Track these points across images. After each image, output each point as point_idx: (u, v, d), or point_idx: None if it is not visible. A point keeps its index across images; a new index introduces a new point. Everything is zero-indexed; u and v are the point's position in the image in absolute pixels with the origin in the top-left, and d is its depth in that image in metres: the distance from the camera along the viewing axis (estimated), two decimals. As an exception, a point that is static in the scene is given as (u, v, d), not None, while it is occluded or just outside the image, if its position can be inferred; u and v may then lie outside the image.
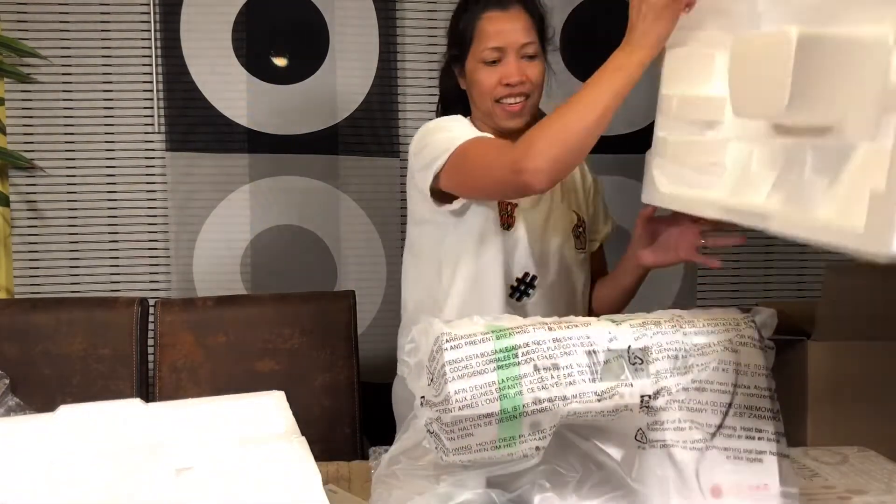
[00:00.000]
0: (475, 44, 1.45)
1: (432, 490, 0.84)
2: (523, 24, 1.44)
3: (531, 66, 1.44)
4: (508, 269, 1.48)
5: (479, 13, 1.46)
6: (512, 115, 1.45)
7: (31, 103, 2.28)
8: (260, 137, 2.35)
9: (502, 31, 1.43)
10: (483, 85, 1.44)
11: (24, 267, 2.32)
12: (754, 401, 0.86)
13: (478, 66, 1.45)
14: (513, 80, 1.42)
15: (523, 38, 1.43)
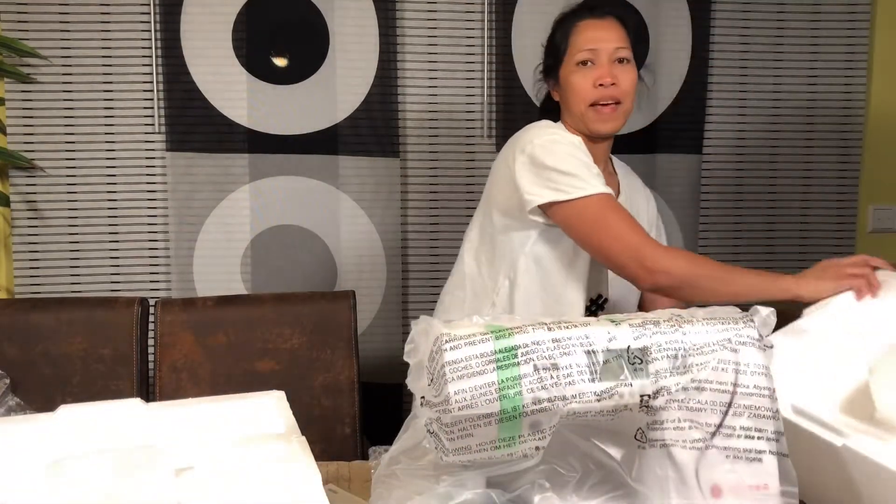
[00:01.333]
0: (570, 51, 1.50)
1: (432, 490, 0.84)
2: (617, 32, 1.49)
3: (623, 71, 1.48)
4: (588, 290, 1.52)
5: (574, 22, 1.52)
6: (604, 118, 1.48)
7: (32, 103, 2.29)
8: (260, 137, 2.35)
9: (596, 37, 1.49)
10: (577, 88, 1.48)
11: (24, 267, 2.32)
12: (754, 400, 0.85)
13: (572, 70, 1.49)
14: (605, 81, 1.46)
15: (616, 42, 1.48)
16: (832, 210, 2.61)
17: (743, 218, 2.60)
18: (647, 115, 2.48)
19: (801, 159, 2.59)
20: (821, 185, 2.60)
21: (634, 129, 2.48)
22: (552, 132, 1.49)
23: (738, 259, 2.61)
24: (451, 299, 1.64)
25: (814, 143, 2.58)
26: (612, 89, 1.47)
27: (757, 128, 2.56)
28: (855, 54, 2.55)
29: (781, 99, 2.55)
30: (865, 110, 2.58)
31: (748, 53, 2.53)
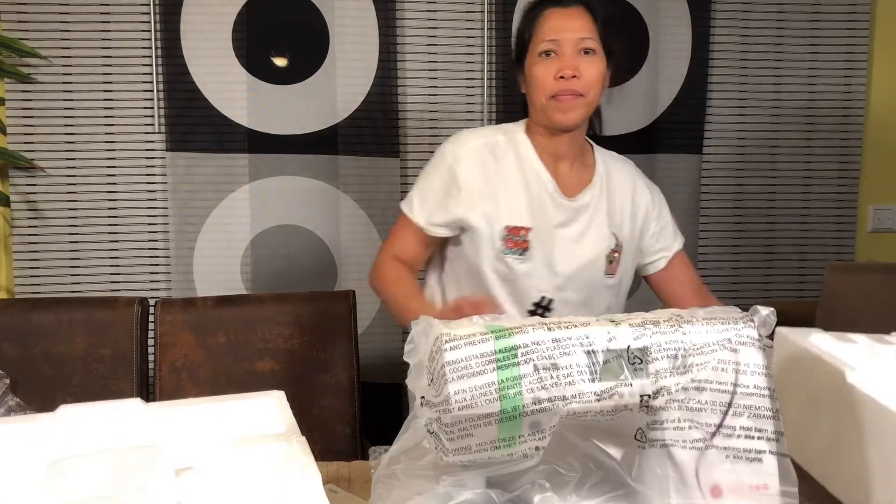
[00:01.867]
0: (533, 39, 1.44)
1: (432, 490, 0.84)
2: (583, 22, 1.43)
3: (588, 62, 1.42)
4: (521, 295, 1.48)
5: (541, 10, 1.46)
6: (565, 110, 1.42)
7: (32, 103, 2.29)
8: (260, 137, 2.35)
9: (560, 26, 1.42)
10: (538, 79, 1.43)
11: (24, 267, 2.32)
12: (754, 400, 0.85)
13: (535, 60, 1.44)
14: (566, 73, 1.39)
15: (581, 33, 1.42)
16: (832, 210, 2.61)
17: (743, 218, 2.60)
18: (647, 115, 2.48)
19: (801, 159, 2.59)
20: (821, 184, 2.60)
21: (634, 129, 2.48)
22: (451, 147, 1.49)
23: (738, 260, 2.61)
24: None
25: (814, 143, 2.58)
26: (573, 82, 1.40)
27: (757, 128, 2.56)
28: (855, 54, 2.55)
29: (781, 99, 2.55)
30: (865, 110, 2.58)
31: (748, 53, 2.53)
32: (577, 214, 1.50)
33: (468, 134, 1.52)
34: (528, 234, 1.45)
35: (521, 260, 1.45)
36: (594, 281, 1.50)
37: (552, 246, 1.47)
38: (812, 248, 2.62)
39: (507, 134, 1.52)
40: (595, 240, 1.50)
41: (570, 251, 1.48)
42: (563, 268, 1.48)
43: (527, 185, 1.48)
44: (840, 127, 2.58)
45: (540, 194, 1.48)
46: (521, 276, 1.46)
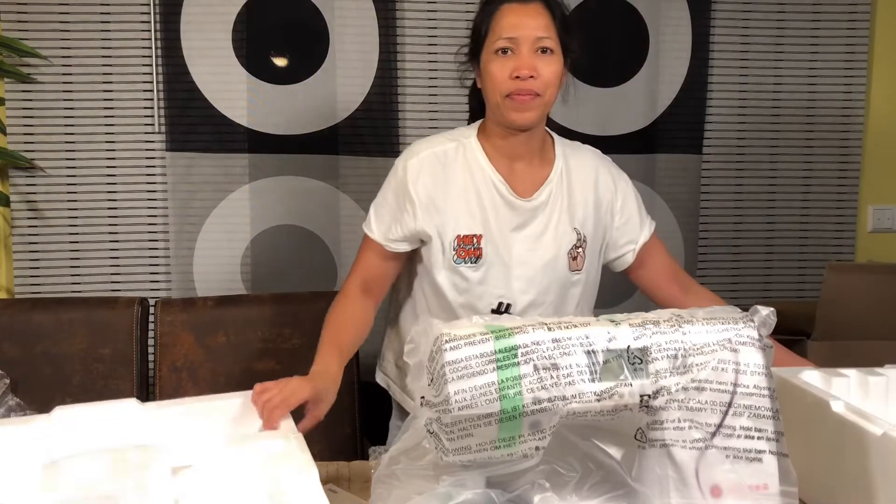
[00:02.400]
0: (490, 35, 1.40)
1: (432, 490, 0.84)
2: (541, 20, 1.39)
3: (545, 62, 1.38)
4: (477, 303, 1.46)
5: (497, 6, 1.41)
6: (520, 109, 1.38)
7: (32, 103, 2.29)
8: (260, 137, 2.35)
9: (518, 23, 1.38)
10: (494, 77, 1.39)
11: (24, 267, 2.32)
12: (754, 400, 0.85)
13: (490, 58, 1.40)
14: (523, 73, 1.36)
15: (539, 32, 1.37)
16: (832, 210, 2.61)
17: (743, 218, 2.59)
18: (647, 115, 2.48)
19: (802, 159, 2.58)
20: (821, 185, 2.60)
21: (634, 129, 2.48)
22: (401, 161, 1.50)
23: (739, 260, 2.61)
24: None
25: (814, 144, 2.58)
26: (529, 82, 1.36)
27: (757, 128, 2.56)
28: (855, 55, 2.55)
29: (781, 99, 2.55)
30: (865, 110, 2.58)
31: (748, 53, 2.52)
32: (533, 215, 1.46)
33: (418, 145, 1.51)
34: (481, 242, 1.44)
35: (474, 268, 1.44)
36: (559, 279, 1.48)
37: (508, 250, 1.45)
38: (812, 247, 2.61)
39: (459, 140, 1.49)
40: (554, 238, 1.47)
41: (528, 253, 1.46)
42: (522, 270, 1.46)
43: (477, 191, 1.45)
44: (840, 127, 2.58)
45: (492, 199, 1.45)
46: (476, 284, 1.45)
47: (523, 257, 1.45)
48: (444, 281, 1.47)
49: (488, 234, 1.44)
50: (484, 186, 1.45)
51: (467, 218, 1.44)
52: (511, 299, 1.46)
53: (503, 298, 1.46)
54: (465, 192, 1.45)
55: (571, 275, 1.49)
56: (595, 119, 2.45)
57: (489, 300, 1.46)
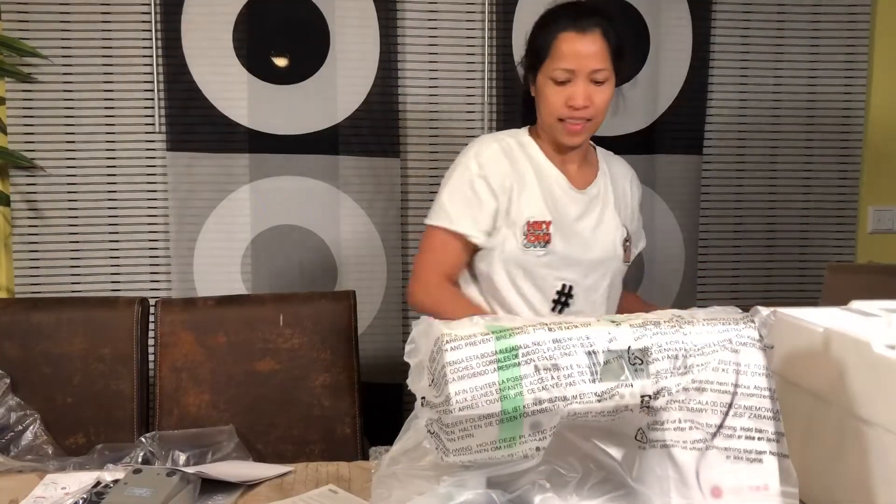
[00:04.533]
0: (548, 61, 1.49)
1: (433, 490, 0.84)
2: (598, 49, 1.47)
3: (599, 92, 1.48)
4: (544, 285, 1.54)
5: (557, 32, 1.49)
6: (572, 134, 1.51)
7: (32, 103, 2.29)
8: (260, 137, 2.35)
9: (576, 54, 1.46)
10: (549, 103, 1.50)
11: (24, 266, 2.32)
12: (754, 401, 0.85)
13: (547, 82, 1.50)
14: (577, 104, 1.46)
15: (595, 64, 1.46)
16: (832, 211, 2.61)
17: (743, 219, 2.59)
18: (648, 116, 2.48)
19: (802, 160, 2.59)
20: (821, 185, 2.60)
21: (635, 130, 2.48)
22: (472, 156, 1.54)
23: (739, 260, 2.61)
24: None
25: (814, 144, 2.58)
26: (583, 111, 1.48)
27: (757, 128, 2.56)
28: (855, 55, 2.55)
29: (782, 99, 2.55)
30: (866, 111, 2.58)
31: (748, 53, 2.53)
32: (590, 206, 1.58)
33: (483, 141, 1.58)
34: (550, 228, 1.52)
35: (543, 252, 1.52)
36: (615, 268, 1.59)
37: (573, 237, 1.54)
38: (812, 248, 2.61)
39: (515, 137, 1.59)
40: (611, 228, 1.59)
41: (590, 240, 1.56)
42: (586, 256, 1.55)
43: (541, 181, 1.55)
44: (840, 128, 2.58)
45: (553, 189, 1.55)
46: (543, 267, 1.53)
47: (587, 244, 1.56)
48: (515, 266, 1.53)
49: (555, 221, 1.53)
50: (546, 179, 1.56)
51: (537, 204, 1.53)
52: (573, 282, 1.55)
53: (566, 282, 1.54)
54: (531, 182, 1.54)
55: (623, 266, 1.62)
56: (595, 119, 2.45)
57: (553, 283, 1.54)
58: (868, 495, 0.95)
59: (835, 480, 1.02)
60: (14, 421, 1.69)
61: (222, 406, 1.81)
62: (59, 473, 1.26)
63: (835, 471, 1.02)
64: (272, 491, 1.20)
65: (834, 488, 1.03)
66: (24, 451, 1.65)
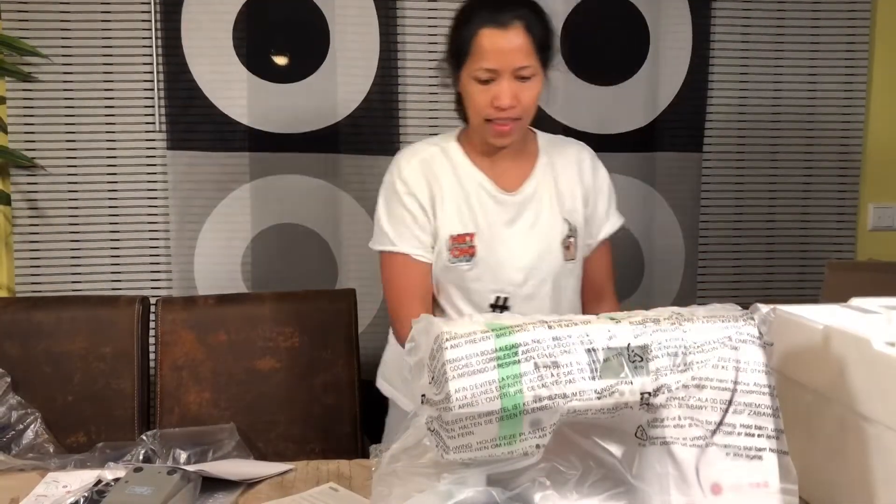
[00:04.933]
0: (470, 59, 1.40)
1: (433, 488, 0.84)
2: (521, 45, 1.37)
3: (525, 89, 1.40)
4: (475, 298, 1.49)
5: (476, 28, 1.39)
6: (500, 135, 1.44)
7: (33, 102, 2.29)
8: (261, 136, 2.35)
9: (498, 52, 1.37)
10: (475, 103, 1.42)
11: (25, 265, 2.32)
12: (754, 398, 0.85)
13: (471, 81, 1.41)
14: (503, 104, 1.38)
15: (519, 62, 1.37)
16: (833, 208, 2.61)
17: (743, 216, 2.59)
18: (648, 114, 2.48)
19: (802, 157, 2.58)
20: (821, 182, 2.60)
21: (635, 128, 2.48)
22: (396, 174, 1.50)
23: (739, 258, 2.61)
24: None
25: (814, 141, 2.58)
26: (510, 111, 1.39)
27: (757, 126, 2.56)
28: (856, 52, 2.55)
29: (782, 97, 2.55)
30: (866, 108, 2.58)
31: (749, 52, 2.52)
32: (522, 208, 1.50)
33: (404, 155, 1.54)
34: (474, 240, 1.47)
35: (469, 266, 1.47)
36: (554, 269, 1.51)
37: (502, 245, 1.48)
38: (812, 246, 2.61)
39: (440, 145, 1.54)
40: (546, 229, 1.51)
41: (521, 246, 1.49)
42: (517, 263, 1.48)
43: (465, 191, 1.49)
44: (841, 125, 2.58)
45: (480, 197, 1.49)
46: (473, 281, 1.48)
47: (517, 251, 1.49)
48: (445, 281, 1.50)
49: (480, 232, 1.47)
50: (471, 187, 1.49)
51: (458, 217, 1.48)
52: (508, 293, 1.49)
53: (500, 293, 1.49)
54: (454, 194, 1.49)
55: (566, 264, 1.53)
56: (595, 117, 2.45)
57: (486, 296, 1.49)
58: (868, 492, 0.95)
59: (835, 477, 1.03)
60: (15, 420, 1.69)
61: (223, 404, 1.81)
62: (60, 472, 1.26)
63: (835, 468, 1.02)
64: (273, 489, 1.20)
65: (834, 485, 1.03)
66: (25, 450, 1.66)
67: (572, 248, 1.53)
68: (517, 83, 1.39)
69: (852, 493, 0.99)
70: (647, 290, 2.53)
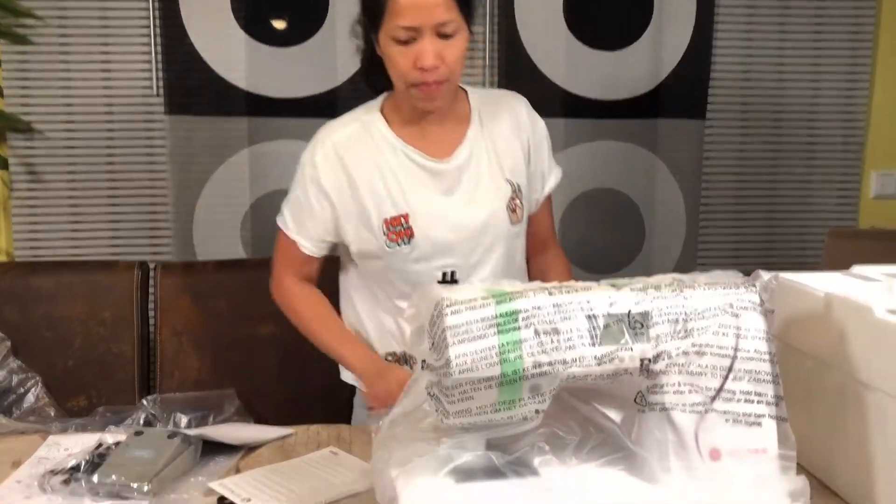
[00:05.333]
0: (386, 18, 1.26)
1: (433, 452, 0.84)
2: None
3: (449, 47, 1.27)
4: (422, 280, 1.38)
5: None
6: (428, 98, 1.31)
7: (28, 65, 2.26)
8: (259, 101, 2.33)
9: (416, 8, 1.24)
10: (396, 66, 1.29)
11: (23, 230, 2.32)
12: (754, 365, 0.85)
13: (390, 42, 1.28)
14: (427, 64, 1.26)
15: (441, 16, 1.25)
16: (835, 176, 2.60)
17: (745, 184, 2.58)
18: (651, 80, 2.46)
19: (806, 124, 2.57)
20: (825, 150, 2.58)
21: (637, 94, 2.45)
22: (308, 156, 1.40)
23: (741, 225, 2.60)
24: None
25: (819, 108, 2.56)
26: (435, 72, 1.27)
27: (761, 92, 2.53)
28: (862, 17, 2.52)
29: (786, 63, 2.52)
30: (872, 75, 2.56)
31: (753, 17, 2.49)
32: (458, 176, 1.39)
33: (321, 134, 1.42)
34: (409, 221, 1.36)
35: (410, 248, 1.37)
36: (502, 235, 1.41)
37: (440, 220, 1.38)
38: (814, 214, 2.61)
39: (360, 119, 1.42)
40: (489, 195, 1.40)
41: (463, 216, 1.39)
42: (460, 235, 1.38)
43: (392, 169, 1.38)
44: (845, 91, 2.56)
45: (410, 172, 1.38)
46: (416, 262, 1.38)
47: (459, 222, 1.38)
48: (386, 269, 1.41)
49: (414, 211, 1.37)
50: (398, 162, 1.38)
51: (388, 199, 1.37)
52: (455, 266, 1.39)
53: (446, 269, 1.39)
54: (381, 173, 1.37)
55: (513, 227, 1.43)
56: (597, 83, 2.42)
57: (433, 274, 1.39)
58: (866, 458, 0.96)
59: (833, 444, 1.03)
60: (16, 383, 1.70)
61: (223, 369, 1.82)
62: (62, 435, 1.27)
63: (833, 434, 1.03)
64: (273, 453, 1.20)
65: (832, 451, 1.03)
66: (25, 414, 1.67)
67: (518, 209, 1.43)
68: (440, 41, 1.26)
69: (850, 460, 1.00)
70: (647, 257, 2.53)
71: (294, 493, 1.04)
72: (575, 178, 2.41)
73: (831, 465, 1.04)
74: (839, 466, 1.03)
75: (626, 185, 2.49)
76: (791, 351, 1.08)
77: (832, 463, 1.04)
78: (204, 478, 1.10)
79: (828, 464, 1.04)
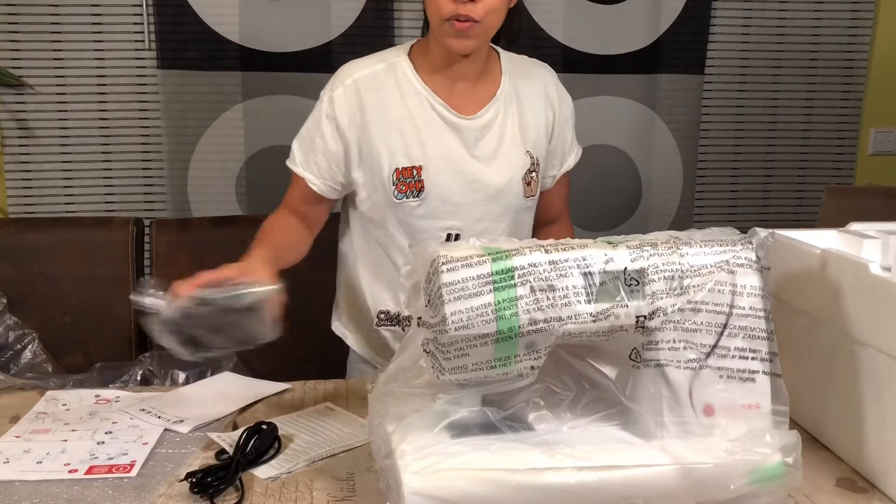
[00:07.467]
0: None
1: (429, 408, 0.85)
2: None
3: None
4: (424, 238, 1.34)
5: None
6: (457, 34, 1.25)
7: (17, 17, 2.23)
8: (252, 55, 2.30)
9: None
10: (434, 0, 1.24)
11: (17, 186, 2.30)
12: (749, 321, 0.86)
13: None
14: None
15: None
16: (833, 133, 2.59)
17: (743, 140, 2.57)
18: (650, 34, 2.43)
19: (805, 80, 2.54)
20: (823, 107, 2.57)
21: (636, 49, 2.43)
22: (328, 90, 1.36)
23: (738, 182, 2.59)
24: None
25: (818, 64, 2.54)
26: (469, 6, 1.21)
27: (760, 48, 2.51)
28: (864, -29, 2.48)
29: (786, 18, 2.49)
30: (872, 31, 2.53)
31: (755, -31, 2.46)
32: (480, 135, 1.35)
33: (343, 71, 1.37)
34: (421, 174, 1.32)
35: (418, 202, 1.33)
36: (513, 206, 1.38)
37: (455, 178, 1.33)
38: (812, 170, 2.60)
39: (388, 60, 1.36)
40: (507, 162, 1.36)
41: (479, 178, 1.34)
42: (473, 197, 1.35)
43: (412, 117, 1.33)
44: (845, 48, 2.53)
45: (431, 123, 1.33)
46: (421, 218, 1.34)
47: (473, 184, 1.34)
48: (391, 220, 1.37)
49: (430, 164, 1.32)
50: (419, 110, 1.33)
51: (404, 149, 1.32)
52: (460, 229, 1.35)
53: (451, 230, 1.36)
54: (400, 120, 1.33)
55: (526, 201, 1.40)
56: (596, 37, 2.39)
57: (435, 233, 1.35)
58: (857, 415, 0.97)
59: (826, 400, 1.04)
60: (13, 340, 1.70)
61: (220, 326, 1.82)
62: (60, 391, 1.27)
63: (826, 390, 1.04)
64: (270, 408, 1.21)
65: (824, 407, 1.04)
66: (23, 370, 1.67)
67: (533, 183, 1.40)
68: None
69: (842, 415, 1.01)
70: (644, 214, 2.53)
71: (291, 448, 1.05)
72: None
73: (823, 421, 1.05)
74: (831, 421, 1.04)
75: (624, 141, 2.48)
76: (786, 308, 1.08)
77: (824, 418, 1.05)
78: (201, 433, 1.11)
79: (820, 419, 1.06)
